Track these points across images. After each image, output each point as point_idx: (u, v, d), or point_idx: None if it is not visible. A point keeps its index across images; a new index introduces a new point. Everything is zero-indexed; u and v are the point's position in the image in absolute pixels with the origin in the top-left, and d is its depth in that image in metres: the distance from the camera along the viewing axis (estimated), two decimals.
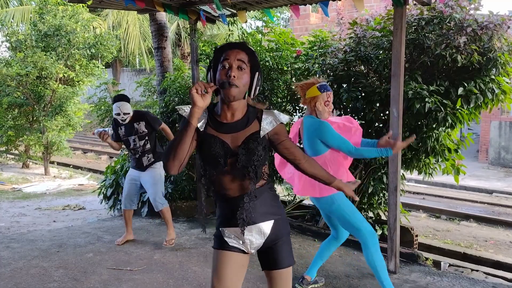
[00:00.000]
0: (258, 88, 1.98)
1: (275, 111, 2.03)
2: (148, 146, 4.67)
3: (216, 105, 2.00)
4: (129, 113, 4.57)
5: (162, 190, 4.78)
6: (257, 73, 1.95)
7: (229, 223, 2.02)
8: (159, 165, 4.72)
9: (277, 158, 3.52)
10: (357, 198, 2.35)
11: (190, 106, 1.85)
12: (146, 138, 4.66)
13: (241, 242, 2.04)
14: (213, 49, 2.16)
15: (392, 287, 3.32)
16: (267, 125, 1.98)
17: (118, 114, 4.55)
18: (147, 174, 4.69)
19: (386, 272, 3.34)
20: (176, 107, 2.08)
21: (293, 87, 3.50)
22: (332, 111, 5.31)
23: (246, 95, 1.96)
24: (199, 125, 1.93)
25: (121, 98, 4.58)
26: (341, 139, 3.18)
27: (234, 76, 1.86)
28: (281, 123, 2.01)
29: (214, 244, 2.11)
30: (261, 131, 1.96)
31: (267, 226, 2.03)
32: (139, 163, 4.69)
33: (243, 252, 2.07)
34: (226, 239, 2.05)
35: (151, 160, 4.69)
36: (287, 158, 2.09)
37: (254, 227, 2.01)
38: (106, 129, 4.48)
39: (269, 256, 2.06)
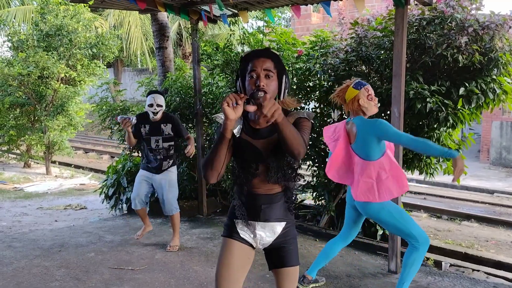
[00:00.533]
0: (286, 90, 2.04)
1: (301, 111, 2.07)
2: (171, 151, 4.58)
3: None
4: (162, 106, 4.51)
5: (176, 195, 4.70)
6: (284, 76, 2.01)
7: (248, 217, 2.09)
8: (175, 169, 4.65)
9: (331, 168, 3.43)
10: None
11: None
12: (172, 142, 4.58)
13: (252, 235, 2.12)
14: (241, 56, 2.16)
15: None
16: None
17: (151, 106, 4.45)
18: (163, 177, 4.56)
19: (411, 279, 3.36)
20: (212, 116, 2.14)
21: (330, 99, 3.42)
22: (333, 111, 5.34)
23: (277, 98, 2.02)
24: (235, 131, 2.02)
25: (156, 91, 4.63)
26: (398, 131, 3.12)
27: (263, 85, 1.92)
28: (300, 117, 2.04)
29: (223, 232, 2.18)
30: None
31: (279, 227, 2.11)
32: (157, 165, 4.53)
33: (251, 246, 2.14)
34: (238, 230, 2.13)
35: (169, 164, 4.59)
36: None
37: (268, 225, 2.09)
38: (131, 117, 4.33)
39: (277, 256, 2.13)
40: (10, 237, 5.14)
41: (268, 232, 2.10)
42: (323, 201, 5.34)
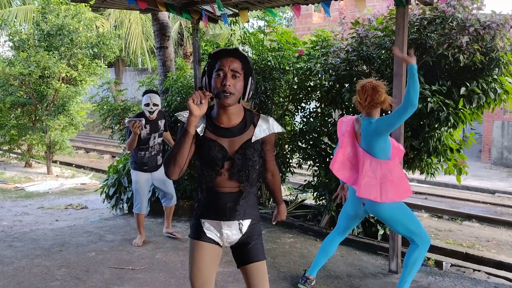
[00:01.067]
0: (251, 92, 2.09)
1: (271, 120, 2.15)
2: (161, 146, 4.75)
3: (213, 108, 2.10)
4: (158, 106, 4.57)
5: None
6: (250, 78, 2.05)
7: (213, 216, 2.13)
8: None
9: (336, 161, 3.45)
10: (273, 223, 2.58)
11: (187, 111, 1.96)
12: (162, 138, 4.75)
13: (218, 235, 2.16)
14: (210, 53, 2.34)
15: None
16: (260, 132, 2.10)
17: (147, 105, 4.51)
18: (160, 172, 4.70)
19: (412, 279, 3.39)
20: (175, 114, 2.17)
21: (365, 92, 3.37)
22: (334, 110, 5.34)
23: (241, 99, 2.06)
24: (198, 130, 2.05)
25: (152, 90, 4.67)
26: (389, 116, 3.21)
27: (229, 85, 1.96)
28: (273, 132, 2.14)
29: (191, 233, 2.21)
30: (253, 137, 2.08)
31: (245, 224, 2.16)
32: (153, 162, 4.64)
33: (217, 244, 2.19)
34: (205, 230, 2.16)
35: (162, 159, 4.73)
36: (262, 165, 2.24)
37: (234, 223, 2.14)
38: (140, 118, 4.34)
39: (244, 252, 2.18)
40: (11, 237, 5.15)
41: (234, 230, 2.15)
42: (323, 201, 5.34)
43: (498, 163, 13.80)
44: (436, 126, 4.38)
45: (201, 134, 2.06)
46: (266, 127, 2.12)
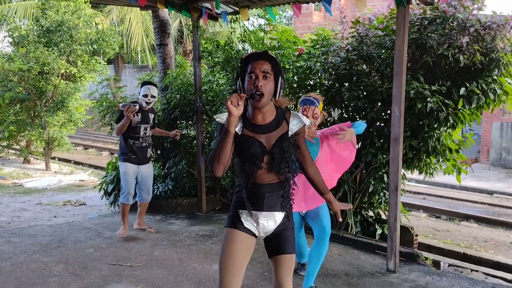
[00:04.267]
0: (282, 90, 2.24)
1: (299, 114, 2.33)
2: (151, 140, 4.94)
3: (247, 109, 2.26)
4: (155, 97, 4.78)
5: None
6: (280, 77, 2.20)
7: (251, 207, 2.24)
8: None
9: None
10: (340, 219, 2.51)
11: (225, 114, 2.13)
12: (151, 131, 4.93)
13: (255, 224, 2.27)
14: (241, 57, 2.52)
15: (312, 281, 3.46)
16: (294, 126, 2.27)
17: (146, 96, 4.72)
18: (147, 168, 4.89)
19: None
20: (214, 116, 2.30)
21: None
22: (334, 109, 5.33)
23: (273, 98, 2.22)
24: (237, 129, 2.19)
25: (150, 82, 4.87)
26: None
27: (261, 86, 2.12)
28: (304, 125, 2.30)
29: (227, 223, 2.32)
30: (289, 131, 2.25)
31: (280, 216, 2.28)
32: (143, 154, 4.80)
33: (253, 235, 2.29)
34: (242, 220, 2.27)
35: (151, 153, 4.97)
36: (298, 157, 2.37)
37: (270, 214, 2.26)
38: (135, 104, 4.61)
39: (277, 243, 2.29)
40: (9, 232, 5.14)
41: (270, 221, 2.27)
42: None
43: (497, 164, 13.82)
44: (435, 126, 4.38)
45: (239, 133, 2.20)
46: (298, 121, 2.28)
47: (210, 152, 2.14)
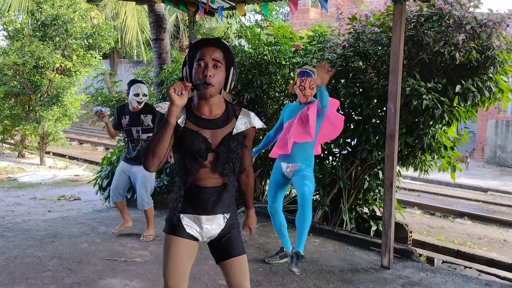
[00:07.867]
0: (233, 83, 2.05)
1: (252, 114, 2.13)
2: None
3: (193, 99, 2.05)
4: (146, 96, 4.50)
5: (151, 189, 4.68)
6: (232, 68, 2.01)
7: (194, 210, 2.06)
8: None
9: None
10: (252, 236, 2.47)
11: (166, 103, 1.91)
12: (151, 134, 4.65)
13: (198, 229, 2.10)
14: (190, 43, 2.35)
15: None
16: (241, 125, 2.07)
17: (137, 95, 4.41)
18: (139, 171, 4.51)
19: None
20: (154, 105, 2.14)
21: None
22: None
23: (222, 90, 2.02)
24: (179, 121, 1.98)
25: (138, 80, 4.61)
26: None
27: (210, 76, 1.92)
28: (253, 127, 2.11)
29: (167, 228, 2.13)
30: (234, 129, 2.04)
31: (224, 219, 2.12)
32: (136, 156, 4.56)
33: (195, 239, 2.13)
34: (184, 225, 2.08)
35: None
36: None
37: (215, 217, 2.09)
38: (103, 108, 4.33)
39: (224, 247, 2.13)
40: (3, 227, 5.12)
41: (214, 225, 2.10)
42: (317, 196, 5.35)
43: (491, 161, 13.89)
44: (430, 123, 4.39)
45: (182, 126, 1.98)
46: (247, 120, 2.08)
47: (145, 144, 1.97)
